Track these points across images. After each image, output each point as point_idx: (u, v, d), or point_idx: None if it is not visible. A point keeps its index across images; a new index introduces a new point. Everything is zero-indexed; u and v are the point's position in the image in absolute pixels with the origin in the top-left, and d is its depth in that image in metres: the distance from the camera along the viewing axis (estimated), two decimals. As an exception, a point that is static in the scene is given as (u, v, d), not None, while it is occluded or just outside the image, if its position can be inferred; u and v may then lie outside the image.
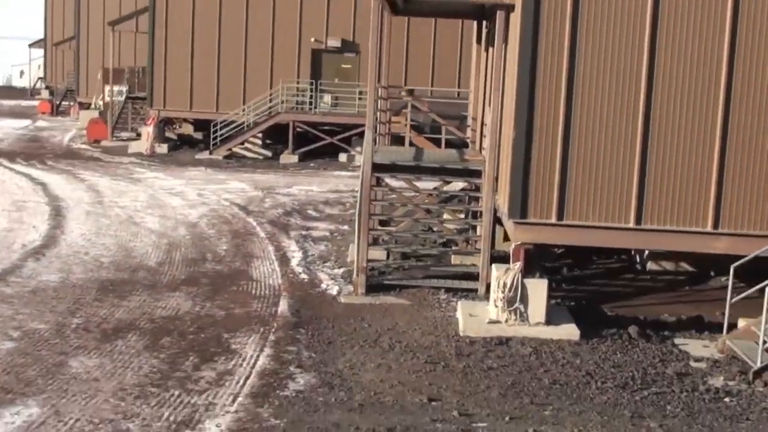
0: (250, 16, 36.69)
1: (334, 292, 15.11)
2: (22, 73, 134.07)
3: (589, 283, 16.30)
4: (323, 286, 15.60)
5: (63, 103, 62.80)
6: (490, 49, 16.28)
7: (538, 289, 12.91)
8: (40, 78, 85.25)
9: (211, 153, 35.72)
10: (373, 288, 14.96)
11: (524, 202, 13.07)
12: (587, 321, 13.19)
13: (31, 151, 35.95)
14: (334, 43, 36.82)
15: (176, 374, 10.66)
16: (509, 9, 14.52)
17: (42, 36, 79.01)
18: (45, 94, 75.58)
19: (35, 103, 70.65)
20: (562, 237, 13.41)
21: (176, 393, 9.98)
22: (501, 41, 14.68)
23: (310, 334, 12.57)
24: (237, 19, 36.60)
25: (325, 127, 36.06)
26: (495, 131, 14.76)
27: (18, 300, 13.56)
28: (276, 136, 37.22)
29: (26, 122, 51.59)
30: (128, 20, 40.08)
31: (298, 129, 36.04)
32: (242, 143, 36.60)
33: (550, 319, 12.91)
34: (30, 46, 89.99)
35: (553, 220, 13.06)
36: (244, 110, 36.29)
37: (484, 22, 19.19)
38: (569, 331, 12.61)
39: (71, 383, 10.10)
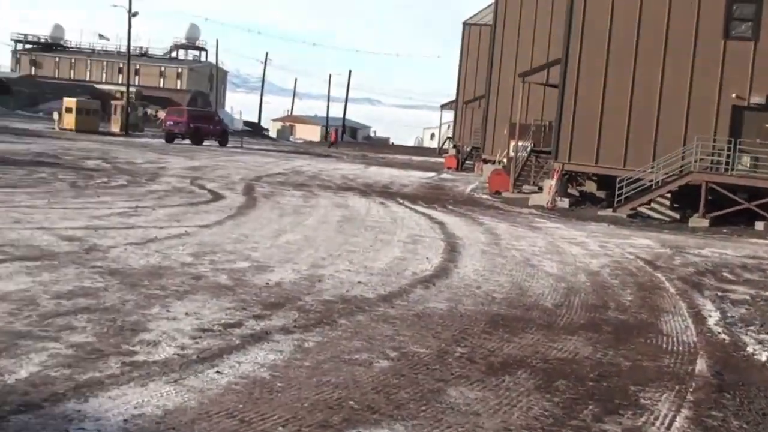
0: (666, 69, 34.35)
1: (763, 359, 12.46)
2: (432, 135, 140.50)
3: None
4: (749, 350, 12.98)
5: (467, 161, 63.58)
6: None
7: None
8: (448, 137, 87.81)
9: (614, 210, 33.61)
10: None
11: None
12: None
13: (433, 197, 35.87)
14: (757, 99, 33.45)
15: (572, 422, 8.71)
16: None
17: (454, 98, 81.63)
18: (452, 152, 77.67)
19: (442, 160, 72.54)
20: None
21: (573, 442, 8.02)
22: None
23: (738, 401, 10.13)
24: (652, 73, 34.41)
25: (742, 192, 32.74)
26: None
27: (401, 322, 12.30)
28: (684, 198, 34.40)
29: (431, 174, 52.48)
30: (539, 72, 39.18)
31: (711, 191, 32.97)
32: (648, 202, 34.16)
33: None
34: (442, 107, 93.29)
35: None
36: (652, 167, 33.91)
37: None
38: None
39: (447, 413, 8.47)
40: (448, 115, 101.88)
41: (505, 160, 47.02)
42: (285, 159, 54.25)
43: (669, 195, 34.30)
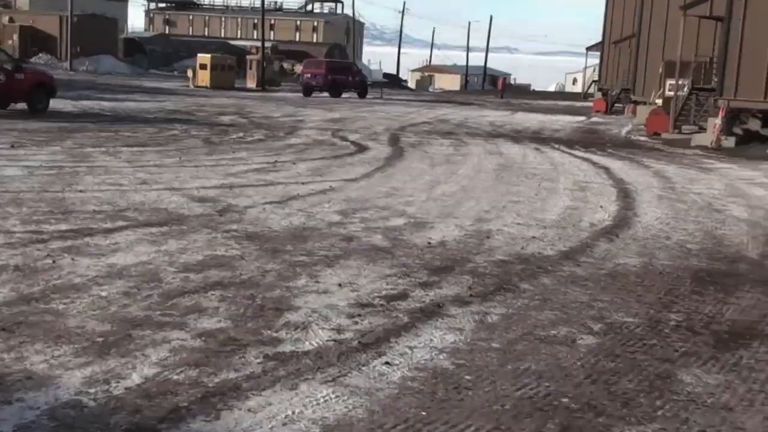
0: None
1: None
2: (575, 80, 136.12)
3: None
4: None
5: (617, 104, 60.34)
6: None
7: None
8: (594, 81, 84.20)
9: (790, 148, 30.48)
10: None
11: None
12: None
13: (589, 141, 33.37)
14: None
15: None
16: None
17: (599, 39, 77.97)
18: (598, 95, 74.29)
19: (589, 104, 69.47)
20: None
21: None
22: None
23: None
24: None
25: None
26: None
27: (593, 284, 10.24)
28: None
29: (581, 118, 49.74)
30: (702, 3, 35.85)
31: None
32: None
33: None
34: (587, 49, 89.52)
35: None
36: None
37: None
38: None
39: (691, 410, 6.42)
40: (592, 60, 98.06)
41: (659, 101, 43.87)
42: (428, 108, 52.25)
43: None
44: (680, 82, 40.79)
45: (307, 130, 31.69)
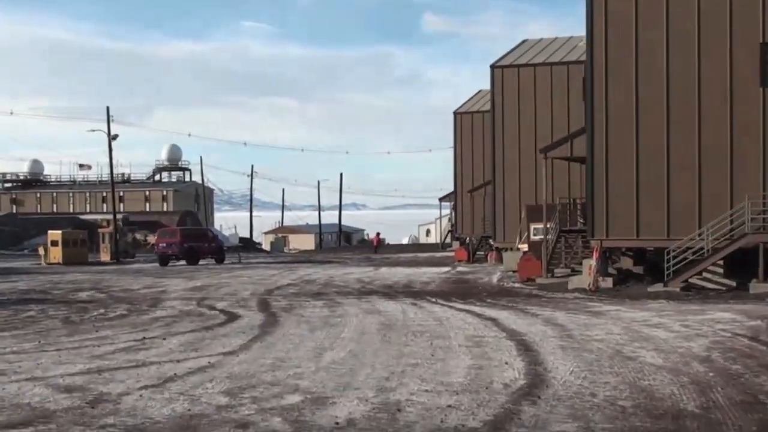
0: (703, 128, 31.52)
1: None
2: (428, 231, 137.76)
3: None
4: None
5: (478, 252, 60.48)
6: None
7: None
8: (450, 230, 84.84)
9: (665, 285, 30.38)
10: None
11: None
12: None
13: (464, 291, 32.59)
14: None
15: None
16: None
17: (449, 190, 78.97)
18: (455, 245, 74.69)
19: (449, 254, 69.70)
20: None
21: None
22: None
23: None
24: (687, 134, 31.59)
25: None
26: None
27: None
28: (735, 263, 31.32)
29: (446, 268, 49.26)
30: (561, 145, 36.20)
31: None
32: (699, 273, 31.03)
33: None
34: (440, 200, 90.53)
35: None
36: (700, 235, 30.84)
37: None
38: None
39: None
40: (443, 210, 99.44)
41: (525, 246, 43.89)
42: (289, 269, 50.94)
43: (721, 262, 31.23)
44: (548, 226, 41.02)
45: (171, 301, 29.87)
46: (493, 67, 55.05)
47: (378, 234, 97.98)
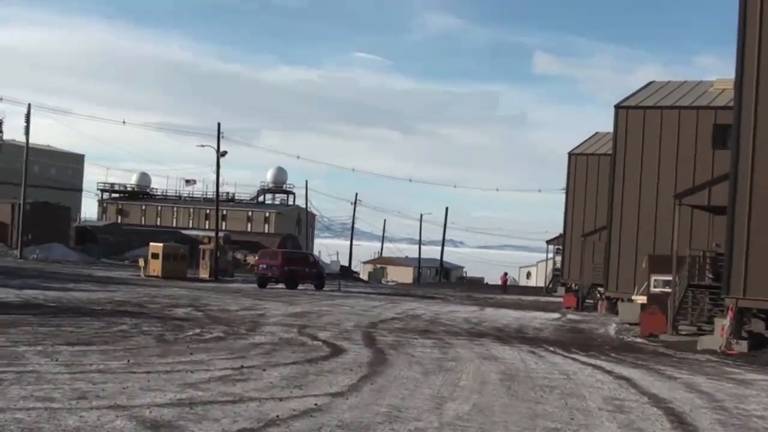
0: None
1: None
2: (528, 274, 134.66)
3: None
4: None
5: (587, 299, 57.69)
6: None
7: None
8: (555, 275, 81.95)
9: (808, 354, 27.52)
10: None
11: None
12: None
13: (582, 342, 30.13)
14: None
15: None
16: None
17: (559, 232, 76.31)
18: (561, 290, 71.94)
19: (554, 299, 67.13)
20: None
21: None
22: None
23: None
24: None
25: None
26: None
27: None
28: None
29: (555, 315, 46.71)
30: (699, 192, 33.53)
31: None
32: None
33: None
34: (548, 242, 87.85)
35: None
36: None
37: None
38: None
39: None
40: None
41: (643, 298, 41.14)
42: (390, 302, 49.02)
43: None
44: (665, 279, 38.32)
45: (271, 326, 28.16)
46: (617, 107, 52.59)
47: (506, 274, 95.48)
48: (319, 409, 13.35)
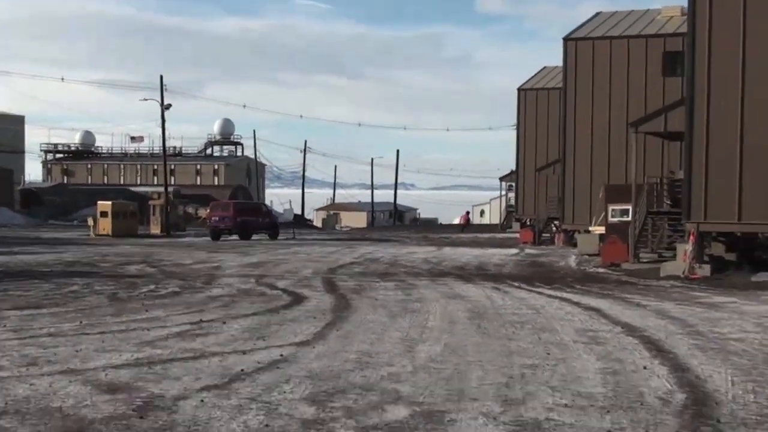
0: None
1: None
2: (482, 212, 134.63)
3: None
4: None
5: (543, 234, 57.47)
6: None
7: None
8: (510, 211, 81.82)
9: (774, 274, 27.40)
10: None
11: None
12: None
13: (544, 276, 29.76)
14: None
15: None
16: None
17: (513, 168, 75.88)
18: (516, 226, 71.86)
19: (509, 235, 67.03)
20: None
21: None
22: None
23: None
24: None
25: None
26: None
27: None
28: None
29: (514, 251, 46.36)
30: (654, 119, 33.08)
31: None
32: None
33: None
34: (501, 179, 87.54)
35: None
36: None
37: None
38: None
39: None
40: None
41: (601, 228, 40.91)
42: (347, 247, 48.38)
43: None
44: (622, 208, 38.13)
45: (227, 278, 27.41)
46: (566, 39, 51.95)
47: (468, 213, 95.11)
48: (285, 360, 12.70)
